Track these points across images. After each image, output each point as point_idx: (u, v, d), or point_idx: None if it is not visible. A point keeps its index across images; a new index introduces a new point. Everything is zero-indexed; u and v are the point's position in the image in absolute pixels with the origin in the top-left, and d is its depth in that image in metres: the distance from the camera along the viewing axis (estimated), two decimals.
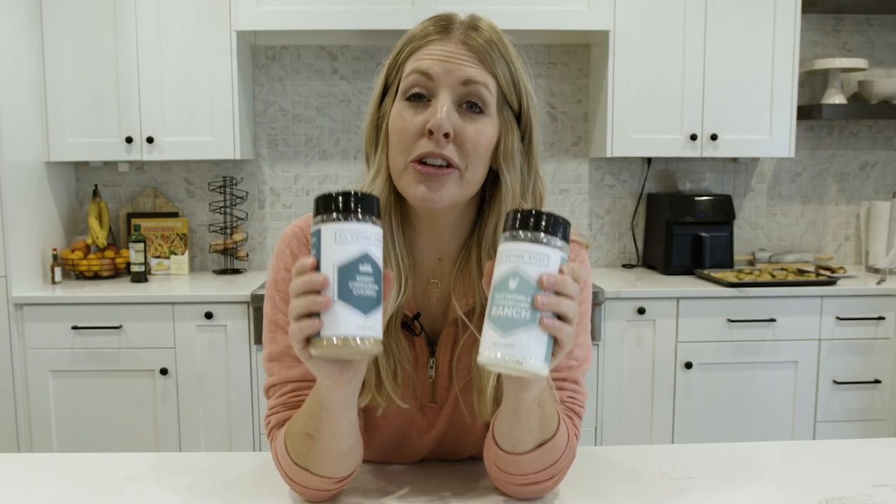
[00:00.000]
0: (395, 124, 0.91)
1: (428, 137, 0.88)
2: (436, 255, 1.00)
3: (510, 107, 0.94)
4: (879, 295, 2.72)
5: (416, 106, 0.90)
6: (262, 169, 3.12)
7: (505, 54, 0.92)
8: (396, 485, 1.00)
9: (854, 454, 1.12)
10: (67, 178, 3.03)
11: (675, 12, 2.79)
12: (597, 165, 3.17)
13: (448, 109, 0.88)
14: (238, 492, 0.98)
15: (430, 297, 1.00)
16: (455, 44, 0.91)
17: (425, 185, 0.89)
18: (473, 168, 0.91)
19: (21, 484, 1.01)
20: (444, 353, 0.99)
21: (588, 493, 0.97)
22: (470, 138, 0.90)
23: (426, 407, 1.01)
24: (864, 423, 2.76)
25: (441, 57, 0.90)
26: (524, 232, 0.75)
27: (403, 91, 0.91)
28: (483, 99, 0.90)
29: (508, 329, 0.74)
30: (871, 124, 3.25)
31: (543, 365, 0.75)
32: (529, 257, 0.74)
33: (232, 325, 2.59)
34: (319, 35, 3.00)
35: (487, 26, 0.93)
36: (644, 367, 2.68)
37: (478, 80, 0.90)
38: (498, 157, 0.94)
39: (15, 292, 2.56)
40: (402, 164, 0.91)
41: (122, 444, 2.62)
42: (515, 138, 0.94)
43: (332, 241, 0.74)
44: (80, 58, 2.74)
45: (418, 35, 0.93)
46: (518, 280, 0.74)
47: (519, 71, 0.93)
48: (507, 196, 0.94)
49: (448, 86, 0.89)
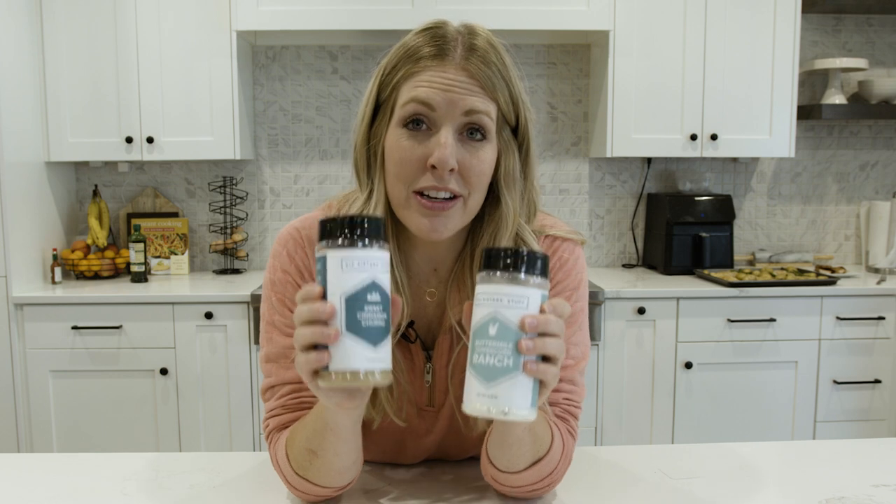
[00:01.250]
0: (394, 153, 0.89)
1: (431, 172, 0.87)
2: (431, 266, 1.00)
3: (508, 125, 0.92)
4: (879, 295, 2.72)
5: (416, 135, 0.88)
6: (262, 169, 3.12)
7: (504, 74, 0.90)
8: (396, 485, 1.00)
9: (854, 454, 1.12)
10: (67, 178, 3.03)
11: (675, 12, 2.79)
12: (597, 165, 3.17)
13: (452, 144, 0.86)
14: (238, 492, 0.98)
15: (425, 305, 1.00)
16: (455, 70, 0.87)
17: (429, 220, 0.88)
18: (476, 194, 0.90)
19: (21, 484, 1.01)
20: (440, 358, 0.99)
21: (588, 493, 0.97)
22: (474, 169, 0.88)
23: (424, 411, 1.01)
24: (864, 423, 2.76)
25: (441, 86, 0.87)
26: (501, 272, 0.72)
27: (401, 119, 0.88)
28: (485, 127, 0.89)
29: (492, 379, 0.71)
30: (871, 124, 3.25)
31: (530, 411, 0.72)
32: (508, 301, 0.71)
33: (232, 325, 2.59)
34: (319, 35, 3.00)
35: (484, 42, 0.90)
36: (644, 367, 2.68)
37: (480, 109, 0.87)
38: (499, 179, 0.92)
39: (15, 292, 2.56)
40: (404, 195, 0.89)
41: (122, 444, 2.62)
42: (515, 158, 0.93)
43: (339, 269, 0.71)
44: (80, 58, 2.74)
45: (413, 55, 0.89)
46: (498, 326, 0.71)
47: (516, 86, 0.91)
48: (507, 216, 0.93)
49: (450, 117, 0.87)
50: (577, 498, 0.96)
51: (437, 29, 0.91)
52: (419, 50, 0.89)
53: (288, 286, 0.97)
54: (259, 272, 3.06)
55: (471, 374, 0.73)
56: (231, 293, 2.59)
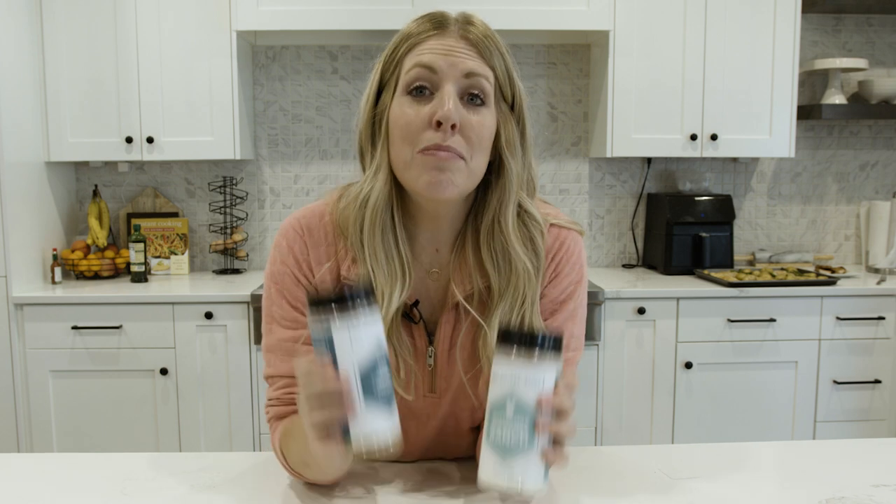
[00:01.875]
0: (399, 118, 0.92)
1: (435, 129, 0.89)
2: (434, 246, 1.01)
3: (504, 99, 0.95)
4: (879, 295, 2.72)
5: (419, 100, 0.91)
6: (262, 169, 3.12)
7: (499, 47, 0.95)
8: (395, 483, 1.00)
9: (854, 454, 1.12)
10: (67, 178, 3.03)
11: (675, 12, 2.79)
12: (597, 165, 3.17)
13: (455, 100, 0.90)
14: (238, 492, 0.98)
15: (427, 286, 1.01)
16: (454, 38, 0.93)
17: (434, 174, 0.90)
18: (477, 159, 0.92)
19: (21, 484, 1.01)
20: (443, 342, 1.00)
21: (588, 493, 0.97)
22: (475, 129, 0.91)
23: (425, 397, 1.02)
24: (864, 423, 2.76)
25: (442, 50, 0.92)
26: (518, 353, 0.75)
27: (405, 85, 0.92)
28: (484, 90, 0.92)
29: (507, 455, 0.75)
30: (871, 124, 3.25)
31: (543, 485, 0.76)
32: (525, 382, 0.74)
33: (232, 325, 2.59)
34: (319, 35, 3.00)
35: (480, 22, 0.96)
36: (644, 367, 2.68)
37: (479, 72, 0.92)
38: (500, 146, 0.95)
39: (15, 292, 2.56)
40: (409, 155, 0.91)
41: (122, 444, 2.62)
42: (514, 128, 0.96)
43: (348, 343, 0.73)
44: (80, 58, 2.74)
45: (414, 32, 0.95)
46: (514, 405, 0.74)
47: (511, 64, 0.96)
48: (511, 181, 0.95)
49: (452, 78, 0.91)
50: (577, 498, 0.96)
51: (435, 12, 0.97)
52: (419, 27, 0.95)
53: (286, 278, 1.00)
54: (259, 272, 3.06)
55: (487, 448, 0.76)
56: (231, 293, 2.59)
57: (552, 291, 1.00)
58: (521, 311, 0.95)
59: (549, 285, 1.00)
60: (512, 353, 0.75)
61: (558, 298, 1.01)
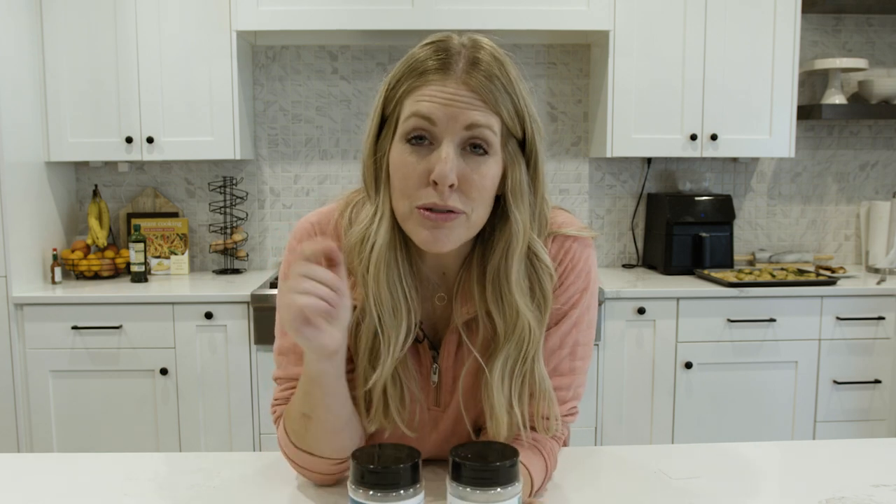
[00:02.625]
0: (398, 168, 0.89)
1: (433, 187, 0.86)
2: (440, 272, 1.01)
3: (515, 138, 0.91)
4: (879, 295, 2.72)
5: (418, 149, 0.88)
6: (262, 169, 3.12)
7: (508, 87, 0.89)
8: None
9: (854, 454, 1.12)
10: (67, 178, 3.03)
11: (675, 12, 2.79)
12: (597, 165, 3.17)
13: (452, 159, 0.86)
14: (238, 492, 0.98)
15: (434, 308, 1.01)
16: (456, 83, 0.87)
17: (432, 232, 0.88)
18: (479, 210, 0.90)
19: (21, 484, 1.01)
20: (446, 358, 1.00)
21: (588, 493, 0.97)
22: (475, 184, 0.88)
23: (430, 410, 1.02)
24: (864, 423, 2.76)
25: (442, 100, 0.86)
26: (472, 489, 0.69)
27: (404, 133, 0.88)
28: (487, 141, 0.88)
29: None
30: (871, 124, 3.25)
31: None
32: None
33: (232, 325, 2.59)
34: (319, 35, 3.00)
35: (488, 56, 0.89)
36: (644, 367, 2.68)
37: (482, 123, 0.87)
38: (506, 193, 0.92)
39: (15, 292, 2.56)
40: (407, 209, 0.89)
41: (122, 444, 2.62)
42: (522, 171, 0.92)
43: None
44: (81, 58, 2.74)
45: (417, 68, 0.89)
46: None
47: (522, 98, 0.90)
48: (517, 232, 0.93)
49: (451, 132, 0.86)
50: (577, 498, 0.96)
51: (441, 42, 0.90)
52: (423, 63, 0.89)
53: None
54: (259, 272, 3.06)
55: None
56: (231, 293, 2.59)
57: (557, 301, 0.99)
58: (524, 369, 0.94)
59: (554, 295, 0.98)
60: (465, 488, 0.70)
61: (563, 308, 1.00)
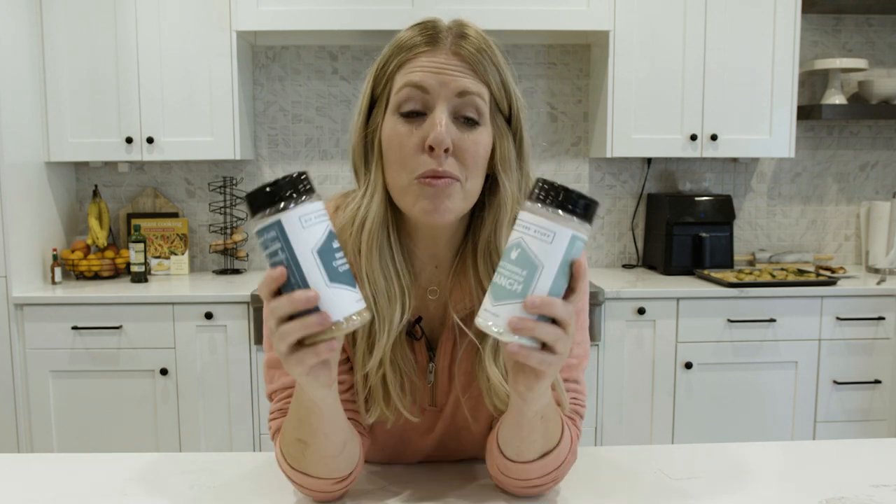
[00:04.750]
0: (392, 140, 0.89)
1: (428, 153, 0.87)
2: (433, 264, 1.00)
3: (501, 113, 0.93)
4: (879, 295, 2.72)
5: (412, 121, 0.89)
6: (262, 169, 3.12)
7: (495, 61, 0.91)
8: (398, 485, 1.00)
9: (854, 454, 1.12)
10: (67, 178, 3.03)
11: (675, 12, 2.79)
12: (597, 165, 3.17)
13: (447, 123, 0.87)
14: (238, 492, 0.98)
15: (427, 304, 1.00)
16: (446, 54, 0.89)
17: (431, 201, 0.88)
18: (473, 179, 0.90)
19: (21, 484, 1.01)
20: (443, 358, 1.00)
21: (588, 493, 0.97)
22: (469, 150, 0.89)
23: (426, 410, 1.02)
24: (864, 423, 2.76)
25: (434, 69, 0.88)
26: (533, 202, 0.73)
27: (396, 105, 0.89)
28: (478, 109, 0.89)
29: (499, 299, 0.74)
30: (871, 124, 3.25)
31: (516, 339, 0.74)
32: (535, 231, 0.73)
33: (232, 325, 2.59)
34: (319, 35, 3.00)
35: (475, 32, 0.92)
36: (644, 367, 2.68)
37: (472, 90, 0.89)
38: (495, 165, 0.93)
39: (15, 292, 2.56)
40: (405, 181, 0.89)
41: (122, 444, 2.62)
42: (510, 144, 0.94)
43: (300, 227, 0.73)
44: (80, 58, 2.74)
45: (405, 45, 0.91)
46: (519, 252, 0.73)
47: (507, 75, 0.93)
48: (506, 201, 0.94)
49: (444, 98, 0.88)
50: (577, 498, 0.96)
51: (428, 22, 0.93)
52: (411, 40, 0.92)
53: None
54: (259, 272, 3.06)
55: (489, 289, 0.76)
56: (231, 293, 2.59)
57: None
58: None
59: None
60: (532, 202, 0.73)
61: None
